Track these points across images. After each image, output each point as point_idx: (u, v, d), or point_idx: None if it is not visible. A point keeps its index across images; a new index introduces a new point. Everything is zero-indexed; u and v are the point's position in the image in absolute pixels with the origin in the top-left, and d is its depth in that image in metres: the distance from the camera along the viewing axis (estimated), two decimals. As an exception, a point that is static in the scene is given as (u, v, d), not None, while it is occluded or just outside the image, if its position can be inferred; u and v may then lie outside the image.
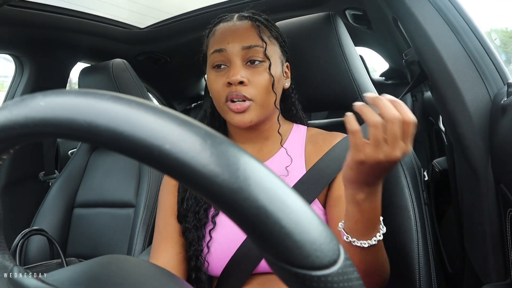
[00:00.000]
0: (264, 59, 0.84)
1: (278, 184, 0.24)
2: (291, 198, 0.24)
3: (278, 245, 0.23)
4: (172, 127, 0.24)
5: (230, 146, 0.24)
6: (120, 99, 0.25)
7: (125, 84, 1.65)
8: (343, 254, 0.25)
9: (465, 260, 1.02)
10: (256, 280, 0.83)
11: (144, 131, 0.23)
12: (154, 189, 1.53)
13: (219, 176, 0.23)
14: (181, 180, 0.24)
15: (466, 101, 0.82)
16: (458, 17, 0.87)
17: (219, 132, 0.26)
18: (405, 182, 0.94)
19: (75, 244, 1.64)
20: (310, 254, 0.23)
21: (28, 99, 0.27)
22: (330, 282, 0.24)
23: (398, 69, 2.87)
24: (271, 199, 0.23)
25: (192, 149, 0.23)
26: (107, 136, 0.24)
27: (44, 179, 1.88)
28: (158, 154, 0.23)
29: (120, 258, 0.39)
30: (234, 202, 0.23)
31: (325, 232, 0.25)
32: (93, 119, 0.24)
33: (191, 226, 0.87)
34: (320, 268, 0.24)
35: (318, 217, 0.25)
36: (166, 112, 0.25)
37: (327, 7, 1.69)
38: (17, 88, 1.75)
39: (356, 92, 1.08)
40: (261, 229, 0.23)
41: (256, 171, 0.24)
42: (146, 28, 1.99)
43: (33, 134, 0.27)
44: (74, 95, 0.26)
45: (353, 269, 0.25)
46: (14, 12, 1.41)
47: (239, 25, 0.86)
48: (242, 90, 0.81)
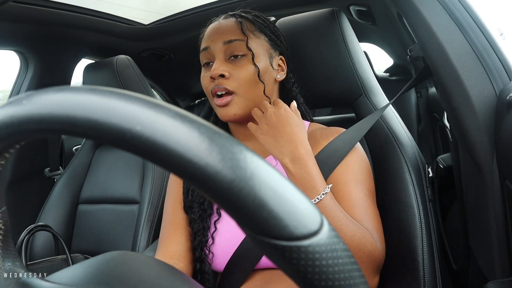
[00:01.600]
0: (247, 52, 0.86)
1: (252, 157, 0.24)
2: (264, 169, 0.24)
3: (253, 217, 0.23)
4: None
5: (207, 125, 0.24)
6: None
7: (129, 81, 1.65)
8: (327, 225, 0.24)
9: (470, 257, 1.01)
10: (258, 275, 0.84)
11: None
12: (158, 185, 1.54)
13: (190, 151, 0.22)
14: (154, 160, 0.24)
15: (471, 97, 0.81)
16: (463, 12, 0.86)
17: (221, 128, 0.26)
18: (410, 179, 0.93)
19: (80, 240, 1.65)
20: (287, 224, 0.23)
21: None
22: (311, 253, 0.23)
23: (403, 65, 2.85)
24: (243, 171, 0.23)
25: (163, 128, 0.23)
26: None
27: (50, 175, 1.89)
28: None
29: (126, 254, 0.39)
30: (206, 178, 0.22)
31: (303, 203, 0.24)
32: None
33: (196, 216, 0.88)
34: (299, 238, 0.23)
35: (296, 187, 0.25)
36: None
37: (332, 3, 1.68)
38: (22, 84, 1.76)
39: (360, 88, 1.08)
40: (235, 202, 0.23)
41: (228, 144, 0.23)
42: (150, 25, 1.99)
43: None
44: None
45: (338, 240, 0.24)
46: (19, 9, 1.41)
47: (223, 23, 0.90)
48: (223, 83, 0.85)
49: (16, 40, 1.64)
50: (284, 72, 0.95)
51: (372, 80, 1.12)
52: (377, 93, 1.10)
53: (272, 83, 0.91)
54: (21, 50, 1.70)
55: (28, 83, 1.74)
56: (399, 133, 1.01)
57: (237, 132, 0.95)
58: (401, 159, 0.96)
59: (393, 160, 0.97)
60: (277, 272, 0.82)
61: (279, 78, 0.93)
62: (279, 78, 0.93)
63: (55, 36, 1.70)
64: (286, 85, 0.98)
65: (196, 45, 0.96)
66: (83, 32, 1.77)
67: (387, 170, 0.97)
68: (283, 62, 0.95)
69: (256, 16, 0.93)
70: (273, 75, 0.91)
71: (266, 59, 0.89)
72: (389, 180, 0.97)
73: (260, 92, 0.87)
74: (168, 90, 2.70)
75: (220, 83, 0.84)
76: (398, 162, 0.96)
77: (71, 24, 1.67)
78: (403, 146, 0.98)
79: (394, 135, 1.00)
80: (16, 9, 1.40)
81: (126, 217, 1.56)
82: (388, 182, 0.96)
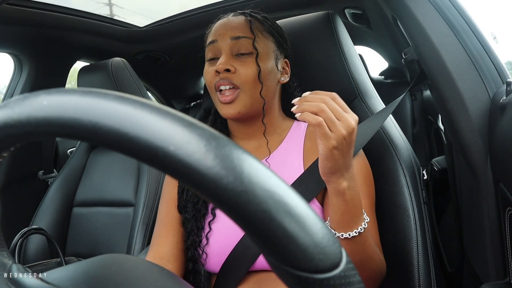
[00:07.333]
0: (253, 51, 0.86)
1: (282, 187, 0.24)
2: (294, 201, 0.24)
3: (282, 249, 0.23)
4: (177, 129, 0.23)
5: (235, 148, 0.24)
6: (125, 99, 0.25)
7: (124, 83, 1.65)
8: (345, 257, 0.25)
9: (464, 259, 1.02)
10: (253, 277, 0.84)
11: (149, 132, 0.23)
12: (153, 188, 1.53)
13: (223, 179, 0.22)
14: (186, 182, 0.23)
15: (465, 100, 0.82)
16: (457, 16, 0.87)
17: (220, 127, 0.26)
18: (404, 181, 0.94)
19: (74, 243, 1.63)
20: (313, 258, 0.23)
21: (31, 97, 0.27)
22: (332, 285, 0.24)
23: (398, 68, 2.86)
24: (275, 202, 0.23)
25: (197, 151, 0.23)
26: (111, 137, 0.24)
27: (43, 178, 1.88)
28: (163, 155, 0.23)
29: (119, 257, 0.39)
30: (238, 205, 0.23)
31: (328, 235, 0.24)
32: (98, 119, 0.24)
33: (190, 216, 0.88)
34: (323, 271, 0.24)
35: (321, 220, 0.25)
36: (170, 113, 0.24)
37: (327, 6, 1.69)
38: (16, 87, 1.75)
39: (355, 91, 1.08)
40: (265, 232, 0.23)
41: (260, 174, 0.23)
42: (145, 27, 1.99)
43: (35, 133, 0.26)
44: (79, 94, 0.26)
45: (354, 272, 0.25)
46: (13, 11, 1.41)
47: (232, 20, 0.90)
48: (229, 77, 0.84)
49: (10, 42, 1.63)
50: (288, 75, 0.95)
51: (367, 83, 1.12)
52: (372, 96, 1.11)
53: (275, 84, 0.91)
54: (15, 53, 1.69)
55: (22, 86, 1.73)
56: (394, 136, 1.01)
57: (237, 131, 0.95)
58: (396, 162, 0.96)
59: (388, 162, 0.97)
60: (272, 274, 0.81)
61: (283, 80, 0.94)
62: (283, 81, 0.94)
63: (49, 38, 1.70)
64: (288, 88, 0.98)
65: (191, 47, 0.96)
66: (78, 35, 1.77)
67: (382, 172, 0.98)
68: (287, 65, 0.96)
69: (265, 18, 0.94)
70: (277, 77, 0.91)
71: (272, 60, 0.89)
72: (384, 183, 0.97)
73: (262, 92, 0.87)
74: (164, 93, 2.70)
75: (226, 77, 0.84)
76: (393, 164, 0.97)
77: (66, 27, 1.67)
78: (398, 149, 0.98)
79: (389, 138, 1.00)
80: (10, 11, 1.40)
81: (121, 220, 1.55)
82: (383, 185, 0.97)
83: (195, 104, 2.97)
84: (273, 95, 0.92)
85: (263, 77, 0.86)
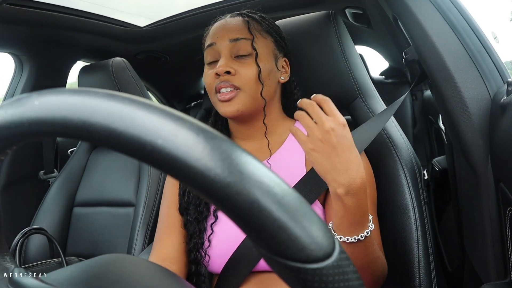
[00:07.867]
0: (252, 52, 0.86)
1: (271, 177, 0.24)
2: (284, 190, 0.24)
3: (272, 239, 0.23)
4: (165, 123, 0.24)
5: (222, 140, 0.24)
6: (114, 97, 0.25)
7: (125, 83, 1.65)
8: (338, 247, 0.25)
9: (465, 259, 1.02)
10: (255, 278, 0.84)
11: (137, 127, 0.23)
12: (154, 188, 1.53)
13: (211, 170, 0.22)
14: (175, 175, 0.24)
15: (466, 99, 0.82)
16: (458, 15, 0.87)
17: (221, 128, 0.26)
18: (405, 181, 0.94)
19: (75, 243, 1.64)
20: (304, 247, 0.23)
21: (23, 98, 0.27)
22: (325, 275, 0.24)
23: (398, 67, 2.86)
24: (264, 192, 0.23)
25: (184, 143, 0.23)
26: (101, 133, 0.24)
27: (44, 178, 1.88)
28: (151, 149, 0.23)
29: (119, 257, 0.39)
30: (226, 196, 0.23)
31: (320, 225, 0.24)
32: (87, 117, 0.24)
33: (192, 218, 0.88)
34: (315, 261, 0.23)
35: (312, 209, 0.25)
36: (157, 107, 0.25)
37: (327, 5, 1.69)
38: (16, 87, 1.75)
39: (356, 90, 1.08)
40: (254, 223, 0.23)
41: (249, 165, 0.24)
42: (145, 27, 1.99)
43: (29, 133, 0.27)
44: (68, 93, 0.26)
45: (348, 262, 0.25)
46: (14, 11, 1.41)
47: (230, 21, 0.90)
48: (230, 79, 0.84)
49: (11, 43, 1.63)
50: (288, 74, 0.95)
51: (368, 83, 1.12)
52: (372, 95, 1.11)
53: (275, 84, 0.91)
54: (16, 53, 1.69)
55: (23, 86, 1.73)
56: (394, 135, 1.01)
57: (238, 131, 0.95)
58: (396, 162, 0.96)
59: (389, 162, 0.97)
60: (273, 275, 0.81)
61: (283, 79, 0.94)
62: (283, 80, 0.94)
63: (50, 38, 1.70)
64: (288, 87, 0.98)
65: (192, 47, 0.96)
66: (79, 34, 1.76)
67: (383, 172, 0.98)
68: (287, 64, 0.96)
69: (262, 17, 0.94)
70: (277, 76, 0.91)
71: (271, 59, 0.89)
72: (384, 183, 0.97)
73: (263, 92, 0.87)
74: (164, 93, 2.70)
75: (226, 79, 0.84)
76: (394, 164, 0.96)
77: (67, 27, 1.67)
78: (398, 148, 0.98)
79: (389, 138, 1.00)
80: (11, 11, 1.40)
81: (122, 220, 1.55)
82: (383, 185, 0.97)
83: (195, 104, 2.97)
84: (273, 95, 0.91)
85: (264, 77, 0.86)
